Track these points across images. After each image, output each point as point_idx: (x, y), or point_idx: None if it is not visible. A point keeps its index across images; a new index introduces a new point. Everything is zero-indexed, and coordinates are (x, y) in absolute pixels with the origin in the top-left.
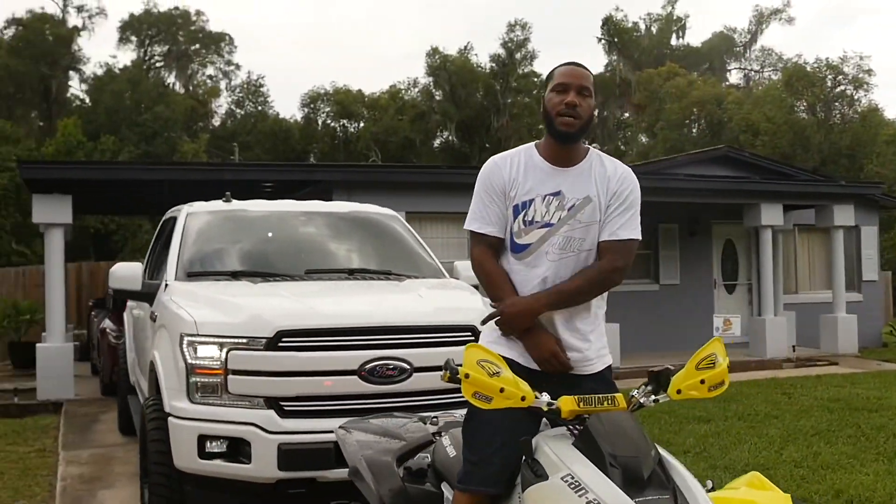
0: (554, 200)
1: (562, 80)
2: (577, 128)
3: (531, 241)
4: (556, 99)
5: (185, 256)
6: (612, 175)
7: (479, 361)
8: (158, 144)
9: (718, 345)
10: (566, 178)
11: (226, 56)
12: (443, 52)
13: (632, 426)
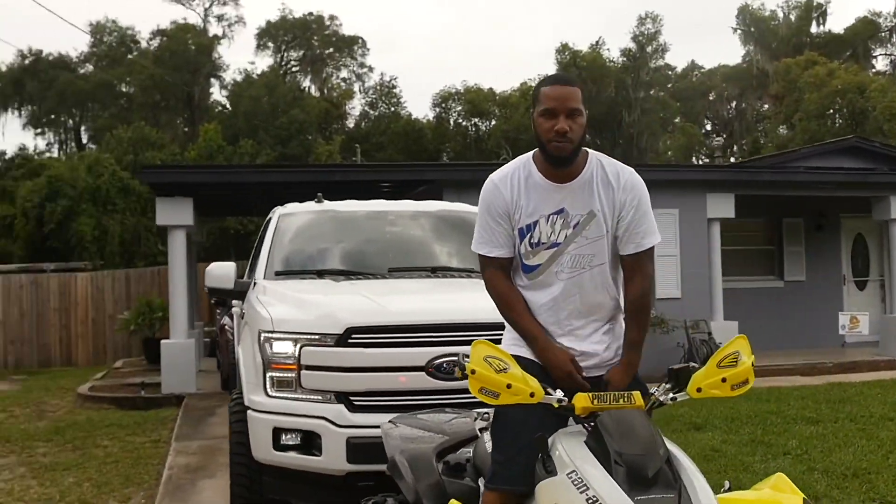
0: (558, 219)
1: (549, 106)
2: (570, 151)
3: (540, 261)
4: (546, 125)
5: (275, 256)
6: (616, 184)
7: (486, 357)
8: (294, 147)
9: (743, 342)
10: (568, 195)
11: (359, 59)
12: (572, 48)
13: (642, 424)
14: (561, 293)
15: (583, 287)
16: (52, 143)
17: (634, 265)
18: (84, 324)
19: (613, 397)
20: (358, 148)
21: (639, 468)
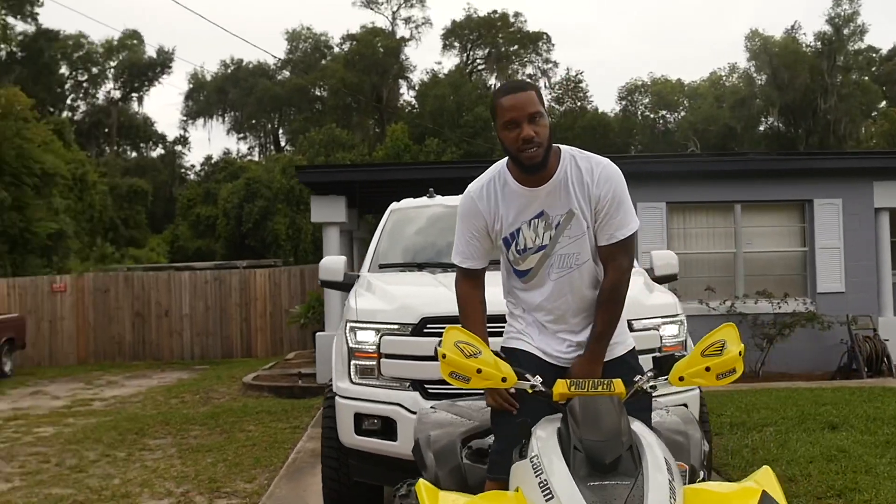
0: (540, 223)
1: (510, 117)
2: (542, 155)
3: (531, 265)
4: (511, 136)
5: (381, 249)
6: (590, 178)
7: (457, 343)
8: (478, 144)
9: (730, 331)
10: (545, 197)
11: (543, 54)
12: (763, 34)
13: (608, 411)
14: (553, 293)
15: (573, 285)
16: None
17: (608, 256)
18: (262, 318)
19: (592, 384)
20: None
21: (597, 454)
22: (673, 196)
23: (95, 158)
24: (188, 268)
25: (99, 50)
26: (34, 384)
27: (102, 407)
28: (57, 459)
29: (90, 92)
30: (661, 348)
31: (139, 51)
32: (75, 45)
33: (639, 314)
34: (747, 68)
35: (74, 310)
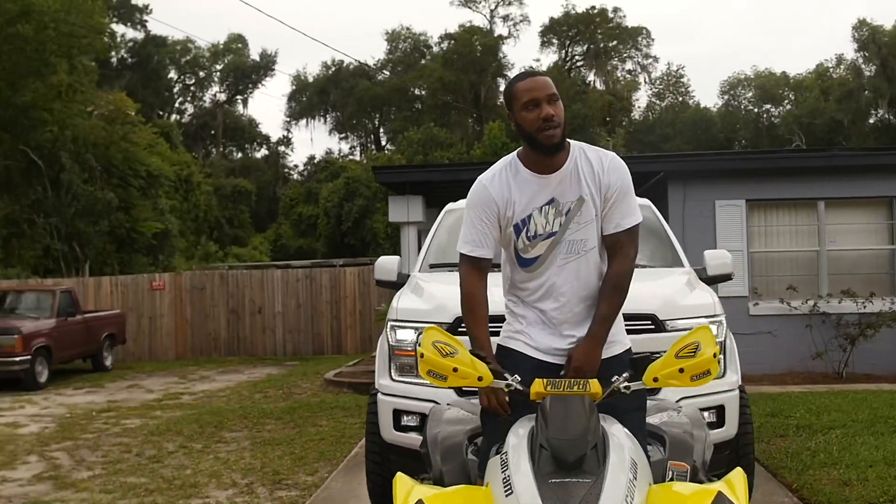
0: (550, 209)
1: (530, 97)
2: (560, 136)
3: (539, 252)
4: (531, 116)
5: (432, 249)
6: (599, 168)
7: (435, 342)
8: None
9: (705, 333)
10: (556, 184)
11: (643, 49)
12: (871, 24)
13: (577, 411)
14: (559, 280)
15: (579, 273)
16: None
17: (614, 245)
18: (352, 315)
19: (568, 384)
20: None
21: (561, 453)
22: (753, 193)
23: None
24: (287, 266)
25: (205, 55)
26: (131, 378)
27: (190, 401)
28: (138, 450)
29: (197, 95)
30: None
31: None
32: (183, 50)
33: (673, 314)
34: (855, 59)
35: (173, 307)
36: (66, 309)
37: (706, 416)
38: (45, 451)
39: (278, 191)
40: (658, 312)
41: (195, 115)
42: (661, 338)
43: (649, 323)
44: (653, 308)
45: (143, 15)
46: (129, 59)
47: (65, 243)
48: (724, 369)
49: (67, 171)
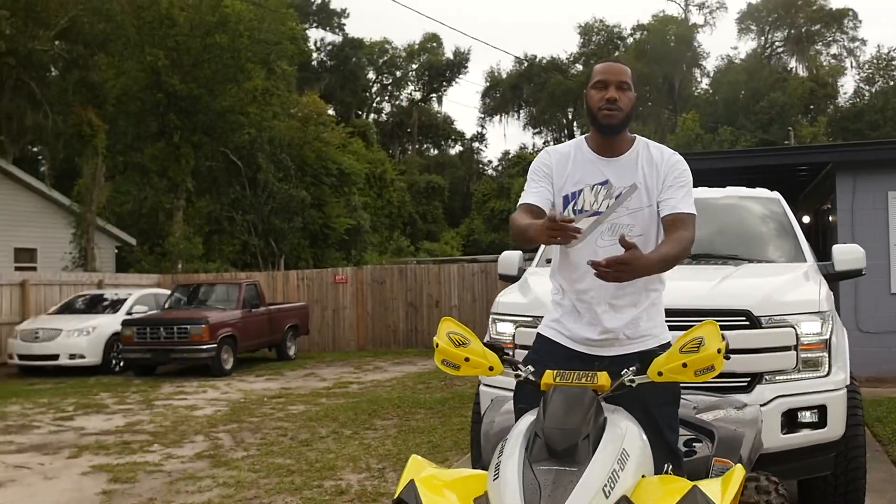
0: (602, 189)
1: (601, 78)
2: (620, 119)
3: (581, 227)
4: (598, 95)
5: None
6: (660, 161)
7: (449, 333)
8: (774, 131)
9: (710, 328)
10: (613, 168)
11: (849, 32)
12: None
13: (574, 402)
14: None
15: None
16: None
17: (675, 222)
18: None
19: (576, 376)
20: (791, 131)
21: (552, 441)
22: None
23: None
24: (473, 260)
25: (402, 54)
26: (311, 367)
27: (356, 390)
28: (293, 434)
29: (394, 94)
30: (798, 346)
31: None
32: (380, 51)
33: (770, 310)
34: None
35: (354, 300)
36: (251, 301)
37: (807, 417)
38: (212, 432)
39: (471, 186)
40: (754, 309)
41: (392, 114)
42: (757, 334)
43: (744, 319)
44: (748, 304)
45: (340, 19)
46: (328, 61)
47: (261, 239)
48: (829, 368)
49: (264, 170)
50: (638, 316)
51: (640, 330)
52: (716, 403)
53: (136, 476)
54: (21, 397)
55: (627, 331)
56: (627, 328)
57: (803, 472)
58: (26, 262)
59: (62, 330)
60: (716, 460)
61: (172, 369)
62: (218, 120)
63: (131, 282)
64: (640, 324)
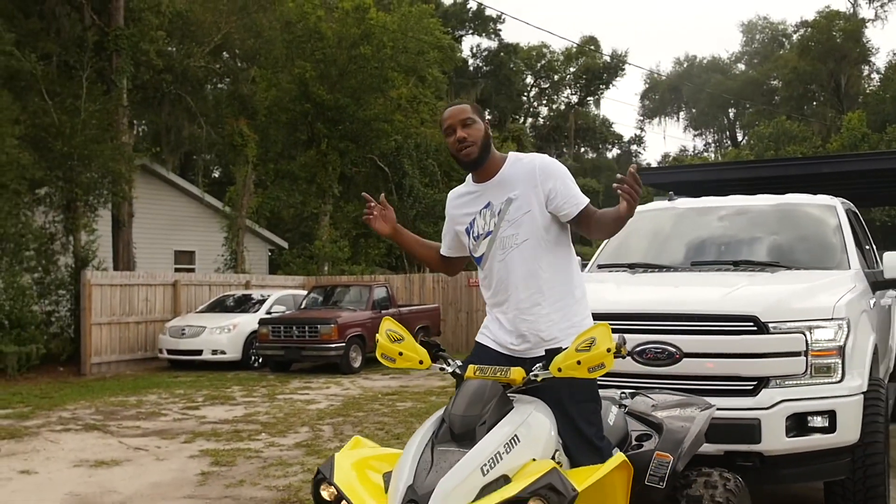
0: (486, 212)
1: (447, 125)
2: (477, 152)
3: (483, 251)
4: (451, 140)
5: (605, 249)
6: (531, 168)
7: (387, 331)
8: None
9: (602, 330)
10: (490, 190)
11: None
12: None
13: (477, 393)
14: (502, 274)
15: (514, 264)
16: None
17: (584, 218)
18: None
19: (493, 371)
20: None
21: (453, 426)
22: None
23: None
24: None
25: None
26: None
27: None
28: (389, 428)
29: (552, 98)
30: (809, 352)
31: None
32: (538, 55)
33: (778, 316)
34: None
35: None
36: (381, 302)
37: (817, 421)
38: (317, 424)
39: None
40: (761, 315)
41: (548, 118)
42: (764, 339)
43: (752, 325)
44: (756, 310)
45: (496, 25)
46: (483, 67)
47: None
48: (842, 374)
49: (409, 176)
50: (549, 321)
51: (553, 333)
52: (682, 402)
53: (234, 460)
54: (161, 388)
55: (542, 334)
56: (541, 332)
57: (816, 476)
58: (185, 263)
59: (206, 327)
60: (657, 454)
61: (306, 366)
62: (364, 128)
63: (277, 283)
64: (552, 329)
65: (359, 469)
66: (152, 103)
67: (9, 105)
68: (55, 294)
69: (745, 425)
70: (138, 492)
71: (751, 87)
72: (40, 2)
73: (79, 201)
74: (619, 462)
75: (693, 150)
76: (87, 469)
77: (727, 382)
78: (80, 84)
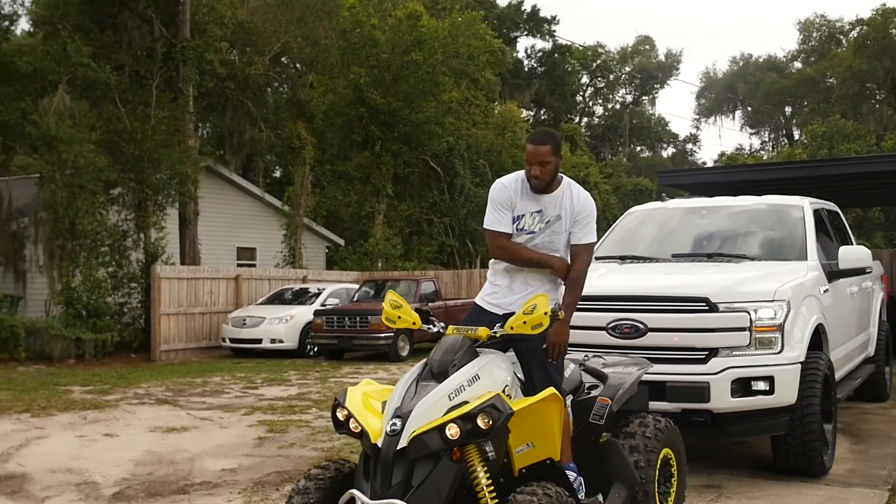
0: (537, 216)
1: (528, 158)
2: (542, 186)
3: (521, 241)
4: (527, 168)
5: (603, 244)
6: (576, 200)
7: (390, 300)
8: None
9: (542, 298)
10: (545, 202)
11: None
12: None
13: (451, 344)
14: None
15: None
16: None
17: (576, 253)
18: None
19: (466, 329)
20: None
21: (431, 367)
22: None
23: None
24: None
25: (615, 58)
26: None
27: None
28: None
29: (608, 97)
30: (752, 327)
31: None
32: (593, 55)
33: (726, 298)
34: None
35: None
36: (428, 296)
37: (760, 385)
38: None
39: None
40: (712, 296)
41: (603, 117)
42: (713, 317)
43: (704, 305)
44: (707, 293)
45: (550, 26)
46: (538, 68)
47: (457, 240)
48: (781, 346)
49: (461, 176)
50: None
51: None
52: (625, 362)
53: (287, 429)
54: (225, 372)
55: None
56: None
57: (760, 431)
58: (247, 259)
59: (265, 318)
60: (599, 399)
61: (358, 355)
62: (416, 130)
63: (332, 278)
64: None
65: (365, 398)
66: (216, 109)
67: (86, 113)
68: (128, 287)
69: (696, 387)
70: (204, 451)
71: (806, 85)
72: (113, 16)
73: (149, 201)
74: (548, 394)
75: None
76: (161, 434)
77: (683, 352)
78: (150, 92)
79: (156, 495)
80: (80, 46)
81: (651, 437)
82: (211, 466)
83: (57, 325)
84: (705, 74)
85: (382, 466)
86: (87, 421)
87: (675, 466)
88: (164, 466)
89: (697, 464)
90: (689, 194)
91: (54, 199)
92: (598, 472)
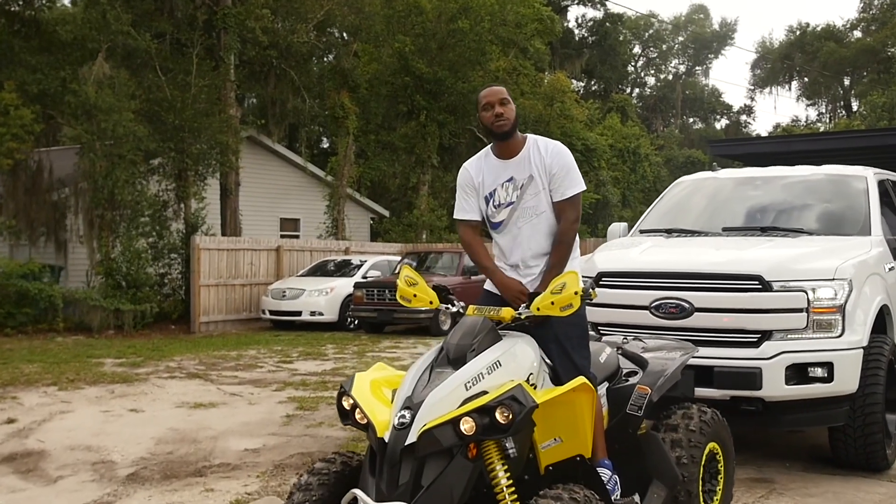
0: (509, 185)
1: (486, 101)
2: (509, 126)
3: (503, 217)
4: (487, 114)
5: (648, 217)
6: (545, 153)
7: (405, 277)
8: None
9: (572, 276)
10: (513, 167)
11: None
12: None
13: (470, 327)
14: (521, 237)
15: (534, 231)
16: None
17: (560, 210)
18: None
19: (488, 310)
20: None
21: (448, 352)
22: None
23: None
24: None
25: (668, 28)
26: None
27: None
28: None
29: (660, 68)
30: (810, 309)
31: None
32: (645, 24)
33: (781, 276)
34: None
35: None
36: (471, 268)
37: (818, 372)
38: None
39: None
40: (765, 274)
41: (655, 88)
42: (767, 297)
43: (757, 283)
44: (760, 270)
45: None
46: (588, 38)
47: None
48: (842, 329)
49: None
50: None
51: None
52: (668, 346)
53: (317, 406)
54: (261, 345)
55: (534, 286)
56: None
57: (816, 422)
58: (290, 230)
59: (305, 290)
60: (638, 387)
61: (399, 328)
62: (462, 100)
63: (376, 250)
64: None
65: (374, 385)
66: (258, 78)
67: (126, 81)
68: (168, 257)
69: (747, 373)
70: (229, 429)
71: (866, 55)
72: None
73: (189, 171)
74: (578, 384)
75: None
76: (187, 409)
77: (733, 335)
78: (191, 61)
79: (171, 477)
80: (120, 14)
81: (695, 430)
82: (234, 446)
83: (96, 296)
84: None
85: (389, 464)
86: (115, 395)
87: (721, 462)
88: (186, 445)
89: (747, 455)
90: (743, 164)
91: (94, 168)
92: (636, 468)
